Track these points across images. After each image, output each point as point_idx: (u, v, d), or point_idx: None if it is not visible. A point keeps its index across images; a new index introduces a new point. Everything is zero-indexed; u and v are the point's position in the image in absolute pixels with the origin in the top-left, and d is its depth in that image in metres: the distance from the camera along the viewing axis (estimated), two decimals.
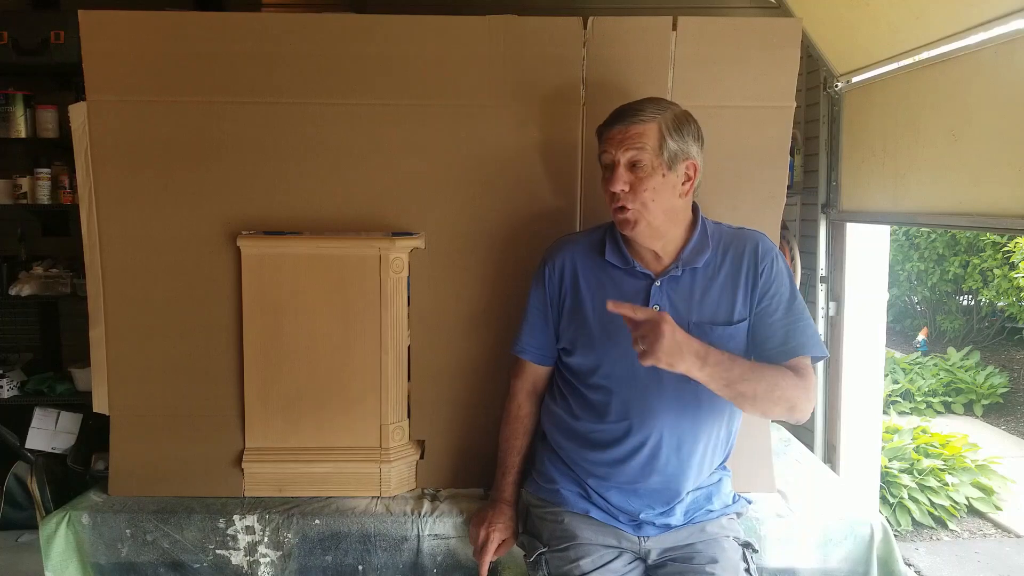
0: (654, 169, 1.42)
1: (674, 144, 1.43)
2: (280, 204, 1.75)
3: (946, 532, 3.69)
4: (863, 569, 1.67)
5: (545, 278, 1.59)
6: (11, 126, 3.06)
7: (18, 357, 3.37)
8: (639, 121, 1.42)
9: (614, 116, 1.46)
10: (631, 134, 1.42)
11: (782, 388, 1.39)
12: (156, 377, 1.76)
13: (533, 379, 1.66)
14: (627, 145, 1.42)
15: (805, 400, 1.42)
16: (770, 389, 1.37)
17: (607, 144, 1.46)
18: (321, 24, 1.72)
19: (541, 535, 1.55)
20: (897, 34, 2.17)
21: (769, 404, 1.39)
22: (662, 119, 1.43)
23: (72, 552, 1.66)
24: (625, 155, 1.43)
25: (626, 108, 1.46)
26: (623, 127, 1.43)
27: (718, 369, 1.33)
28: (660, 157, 1.42)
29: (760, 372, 1.40)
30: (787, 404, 1.40)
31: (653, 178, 1.42)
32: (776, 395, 1.38)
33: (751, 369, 1.39)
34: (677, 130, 1.43)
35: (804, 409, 1.42)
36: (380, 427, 1.76)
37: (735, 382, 1.35)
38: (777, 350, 1.46)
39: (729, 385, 1.35)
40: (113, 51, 1.68)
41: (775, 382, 1.39)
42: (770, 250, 1.51)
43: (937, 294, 7.05)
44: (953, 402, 5.60)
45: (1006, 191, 1.78)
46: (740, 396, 1.36)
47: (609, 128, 1.46)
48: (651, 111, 1.43)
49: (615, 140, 1.44)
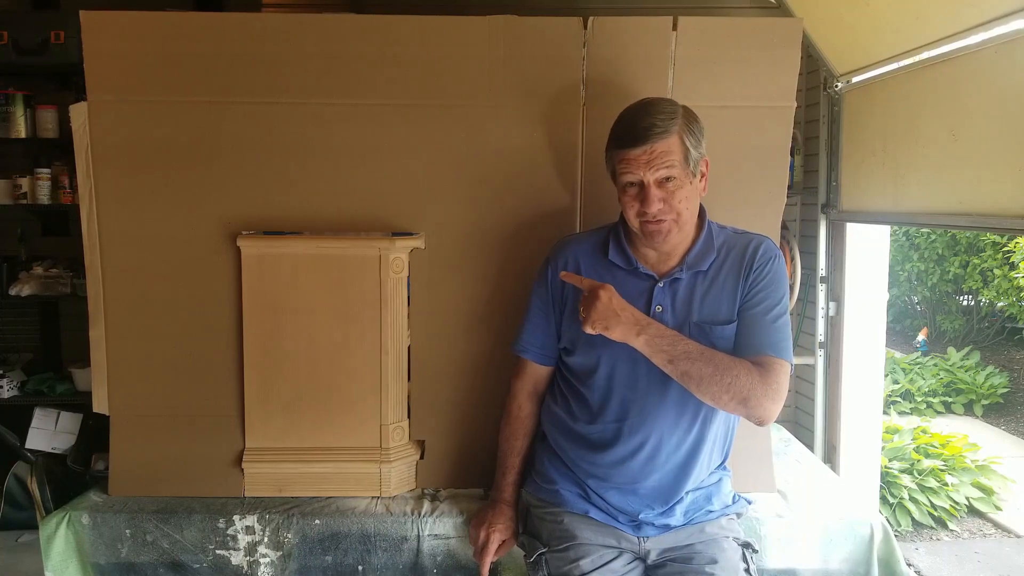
0: (683, 180, 1.41)
1: (695, 151, 1.42)
2: (280, 204, 1.75)
3: (946, 532, 3.69)
4: (864, 570, 1.67)
5: (548, 277, 1.59)
6: (11, 126, 3.05)
7: (18, 357, 3.37)
8: (661, 137, 1.38)
9: (633, 136, 1.39)
10: (658, 153, 1.38)
11: (733, 376, 1.36)
12: (156, 377, 1.76)
13: (534, 379, 1.66)
14: (656, 165, 1.38)
15: (763, 396, 1.37)
16: (718, 374, 1.36)
17: (630, 166, 1.40)
18: (321, 24, 1.72)
19: (541, 535, 1.55)
20: (897, 34, 2.17)
21: (718, 390, 1.36)
22: (680, 128, 1.40)
23: (72, 552, 1.66)
24: (655, 175, 1.39)
25: (642, 125, 1.39)
26: (648, 147, 1.38)
27: (659, 341, 1.36)
28: (687, 167, 1.41)
29: (711, 356, 1.38)
30: (739, 395, 1.36)
31: (684, 188, 1.41)
32: (726, 382, 1.36)
33: (700, 351, 1.38)
34: (693, 134, 1.42)
35: (762, 407, 1.38)
36: (380, 427, 1.76)
37: (678, 358, 1.36)
38: (745, 344, 1.44)
39: (672, 361, 1.36)
40: (113, 51, 1.68)
41: (727, 368, 1.37)
42: (771, 252, 1.50)
43: (937, 294, 7.04)
44: (953, 402, 5.60)
45: (1006, 191, 1.78)
46: (685, 376, 1.37)
47: (630, 150, 1.40)
48: (666, 120, 1.39)
49: (640, 162, 1.39)
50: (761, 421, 1.40)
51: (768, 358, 1.42)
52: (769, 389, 1.39)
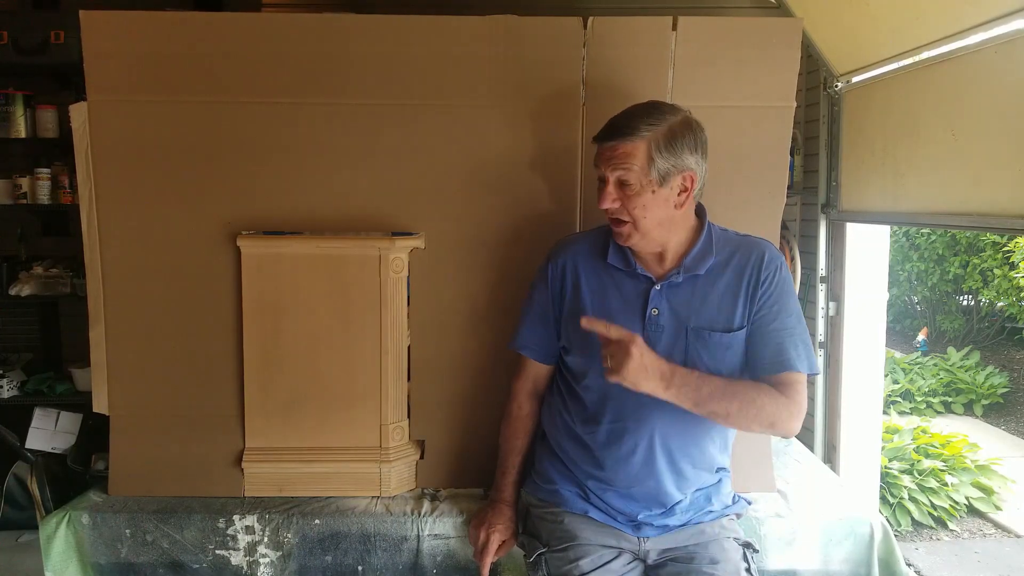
0: (643, 187, 1.40)
1: (664, 162, 1.39)
2: (280, 204, 1.75)
3: (946, 532, 3.69)
4: (865, 571, 1.67)
5: (548, 276, 1.59)
6: (11, 126, 3.06)
7: (18, 357, 3.37)
8: (627, 140, 1.39)
9: (607, 129, 1.43)
10: (618, 153, 1.40)
11: (759, 406, 1.38)
12: (156, 377, 1.76)
13: (533, 378, 1.66)
14: (614, 164, 1.41)
15: (788, 418, 1.40)
16: (744, 407, 1.37)
17: (598, 158, 1.45)
18: (321, 24, 1.72)
19: (541, 535, 1.55)
20: (897, 34, 2.17)
21: (746, 421, 1.39)
22: (652, 136, 1.38)
23: (72, 552, 1.66)
24: (613, 173, 1.41)
25: (619, 123, 1.42)
26: (612, 144, 1.41)
27: (684, 390, 1.34)
28: (648, 176, 1.39)
29: (734, 390, 1.38)
30: (766, 421, 1.39)
31: (643, 195, 1.41)
32: (752, 413, 1.38)
33: (724, 388, 1.38)
34: (668, 146, 1.39)
35: (788, 427, 1.41)
36: (380, 427, 1.76)
37: (704, 402, 1.35)
38: (768, 362, 1.45)
39: (698, 405, 1.35)
40: (113, 51, 1.68)
41: (751, 399, 1.38)
42: (775, 260, 1.49)
43: (937, 294, 7.04)
44: (953, 402, 5.60)
45: (1006, 191, 1.78)
46: (713, 415, 1.37)
47: (601, 142, 1.44)
48: (643, 127, 1.39)
49: (604, 156, 1.43)
50: (787, 436, 1.45)
51: (789, 375, 1.44)
52: (793, 408, 1.41)
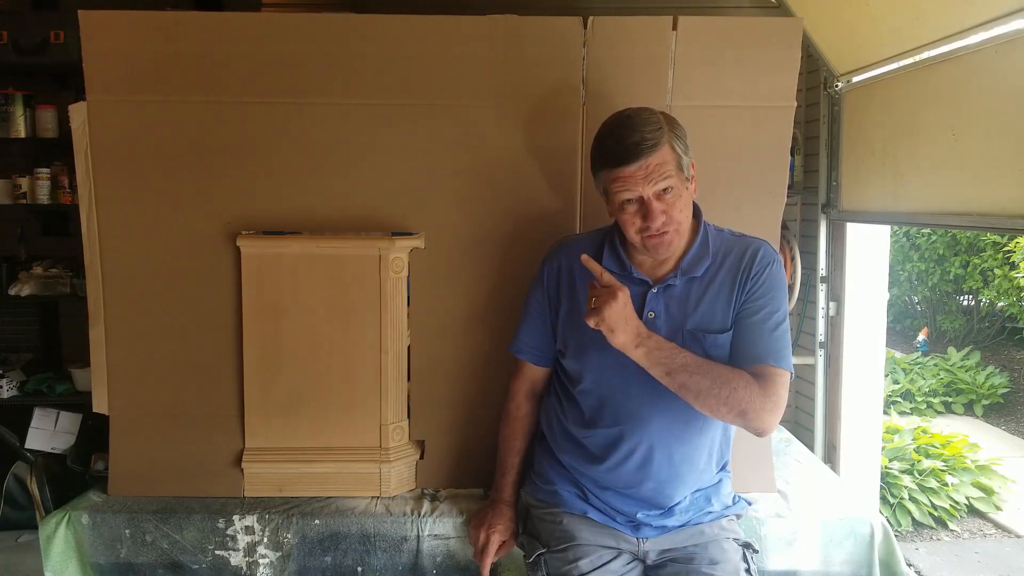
0: (680, 188, 1.39)
1: (684, 155, 1.40)
2: (280, 204, 1.74)
3: (946, 532, 3.69)
4: (865, 571, 1.67)
5: (544, 279, 1.59)
6: (11, 126, 3.05)
7: (18, 357, 3.37)
8: (654, 150, 1.35)
9: (624, 154, 1.35)
10: (654, 167, 1.35)
11: (731, 388, 1.34)
12: (156, 377, 1.76)
13: (532, 380, 1.66)
14: (654, 179, 1.35)
15: (761, 409, 1.35)
16: (716, 387, 1.34)
17: (626, 183, 1.36)
18: (321, 24, 1.72)
19: (540, 536, 1.55)
20: (897, 34, 2.17)
21: (715, 403, 1.34)
22: (666, 136, 1.37)
23: (72, 552, 1.66)
24: (654, 188, 1.36)
25: (630, 140, 1.35)
26: (643, 162, 1.35)
27: (657, 354, 1.34)
28: (682, 174, 1.39)
29: (709, 368, 1.36)
30: (737, 408, 1.34)
31: (683, 195, 1.40)
32: (723, 395, 1.33)
33: (699, 364, 1.35)
34: (680, 140, 1.40)
35: (761, 420, 1.35)
36: (380, 427, 1.76)
37: (676, 371, 1.34)
38: (749, 352, 1.42)
39: (670, 374, 1.34)
40: (113, 51, 1.68)
41: (725, 380, 1.35)
42: (769, 257, 1.47)
43: (937, 294, 7.04)
44: (953, 402, 5.60)
45: (1006, 191, 1.78)
46: (683, 388, 1.35)
47: (623, 168, 1.36)
48: (654, 131, 1.36)
49: (637, 178, 1.35)
50: (759, 432, 1.38)
51: (768, 368, 1.39)
52: (768, 401, 1.36)
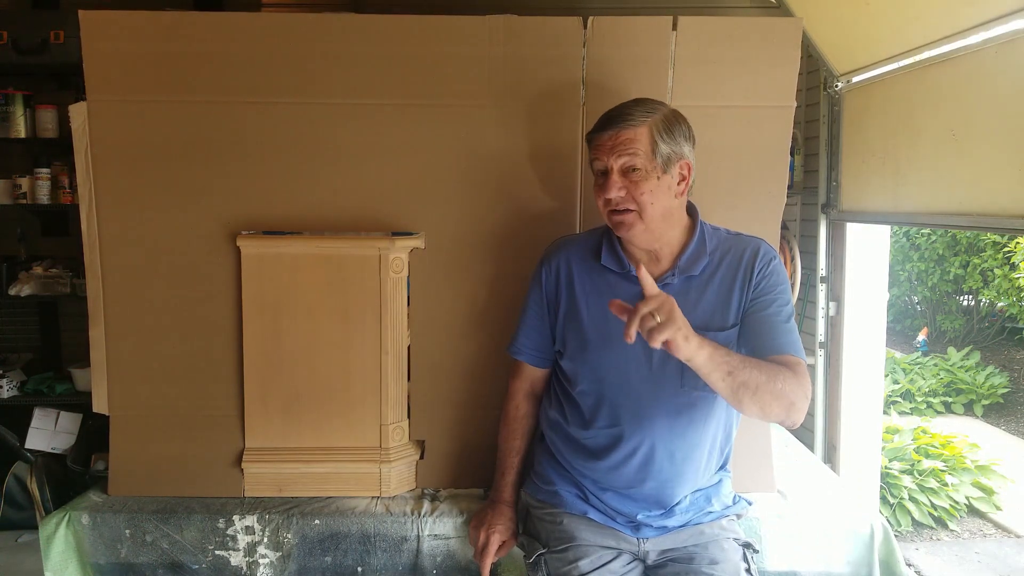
0: (648, 172, 1.40)
1: (666, 147, 1.40)
2: (280, 204, 1.74)
3: (946, 532, 3.69)
4: (865, 571, 1.67)
5: (542, 279, 1.59)
6: (11, 126, 3.06)
7: (18, 357, 3.37)
8: (629, 126, 1.40)
9: (603, 121, 1.44)
10: (622, 140, 1.40)
11: (782, 380, 1.30)
12: (156, 377, 1.76)
13: (530, 380, 1.66)
14: (619, 151, 1.40)
15: (803, 398, 1.34)
16: (771, 380, 1.29)
17: (598, 151, 1.44)
18: (321, 24, 1.72)
19: (540, 536, 1.55)
20: (897, 34, 2.17)
21: (770, 397, 1.29)
22: (652, 122, 1.40)
23: (72, 552, 1.66)
24: (618, 161, 1.40)
25: (615, 113, 1.43)
26: (613, 132, 1.40)
27: (718, 353, 1.25)
28: (654, 160, 1.40)
29: (757, 363, 1.32)
30: (787, 400, 1.31)
31: (649, 180, 1.40)
32: (777, 387, 1.29)
33: (747, 360, 1.31)
34: (668, 132, 1.41)
35: (801, 409, 1.35)
36: (380, 427, 1.76)
37: (737, 370, 1.26)
38: (765, 346, 1.40)
39: (731, 373, 1.25)
40: (113, 51, 1.68)
41: (774, 374, 1.31)
42: (771, 254, 1.49)
43: (937, 294, 7.04)
44: (953, 402, 5.60)
45: (1006, 191, 1.78)
46: (743, 387, 1.26)
47: (599, 134, 1.43)
48: (640, 114, 1.41)
49: (606, 147, 1.41)
50: (796, 424, 1.38)
51: (790, 358, 1.39)
52: (804, 390, 1.35)
